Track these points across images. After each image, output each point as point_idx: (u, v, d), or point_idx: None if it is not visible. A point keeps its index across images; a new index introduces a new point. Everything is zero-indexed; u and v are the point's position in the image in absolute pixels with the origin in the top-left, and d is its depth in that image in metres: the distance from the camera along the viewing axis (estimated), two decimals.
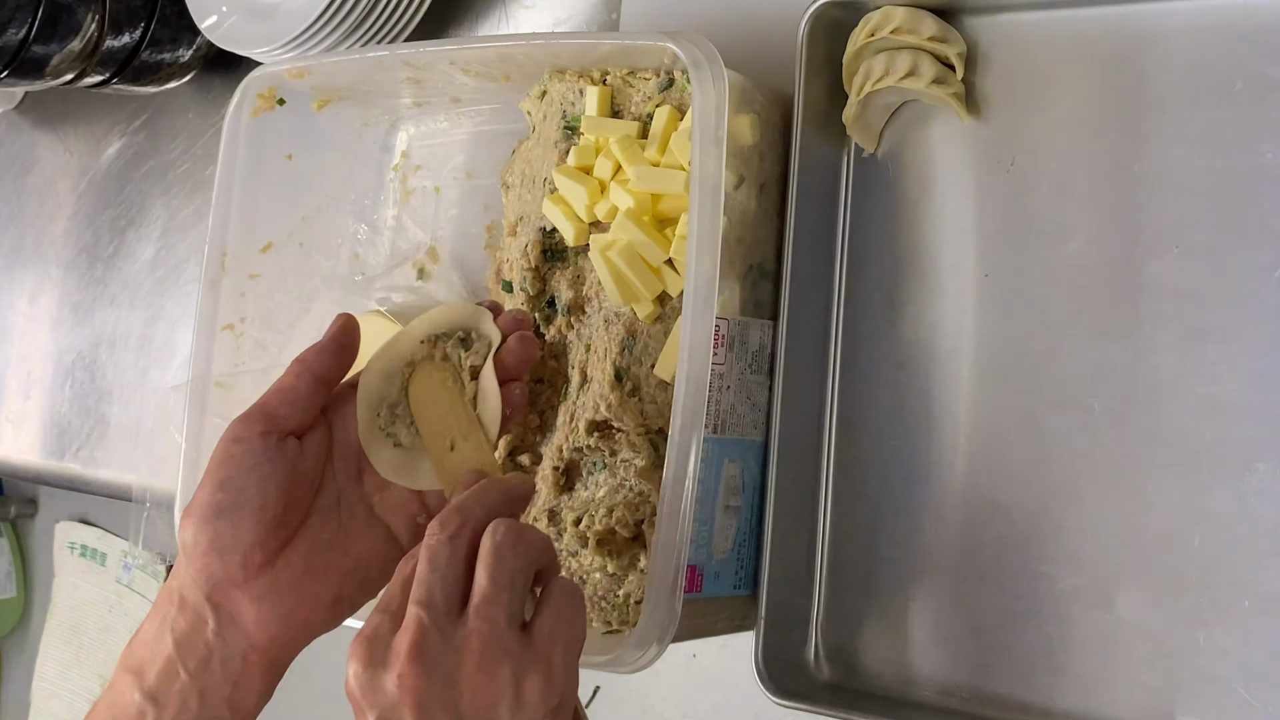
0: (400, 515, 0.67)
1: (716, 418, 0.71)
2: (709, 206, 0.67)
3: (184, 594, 0.63)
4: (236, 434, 0.64)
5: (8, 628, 2.35)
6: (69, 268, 1.24)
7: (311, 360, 0.66)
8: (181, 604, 0.63)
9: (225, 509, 0.62)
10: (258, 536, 0.63)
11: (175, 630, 0.63)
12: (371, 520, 0.67)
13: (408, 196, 0.95)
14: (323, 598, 0.65)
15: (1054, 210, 0.71)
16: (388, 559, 0.67)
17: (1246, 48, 0.67)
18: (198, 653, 0.63)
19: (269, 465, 0.63)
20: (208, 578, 0.63)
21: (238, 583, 0.63)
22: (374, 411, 0.68)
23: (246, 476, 0.63)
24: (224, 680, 0.63)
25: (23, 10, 1.01)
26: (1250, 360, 0.66)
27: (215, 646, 0.63)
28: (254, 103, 0.86)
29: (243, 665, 0.63)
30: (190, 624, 0.63)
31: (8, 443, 1.26)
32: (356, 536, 0.66)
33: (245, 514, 0.62)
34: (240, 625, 0.63)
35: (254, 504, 0.63)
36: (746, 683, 0.73)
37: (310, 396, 0.66)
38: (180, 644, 0.63)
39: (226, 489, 0.63)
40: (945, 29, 0.73)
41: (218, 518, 0.62)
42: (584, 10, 0.93)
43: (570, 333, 0.78)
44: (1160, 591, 0.67)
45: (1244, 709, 0.64)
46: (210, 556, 0.62)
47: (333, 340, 0.67)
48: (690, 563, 0.69)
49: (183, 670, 0.62)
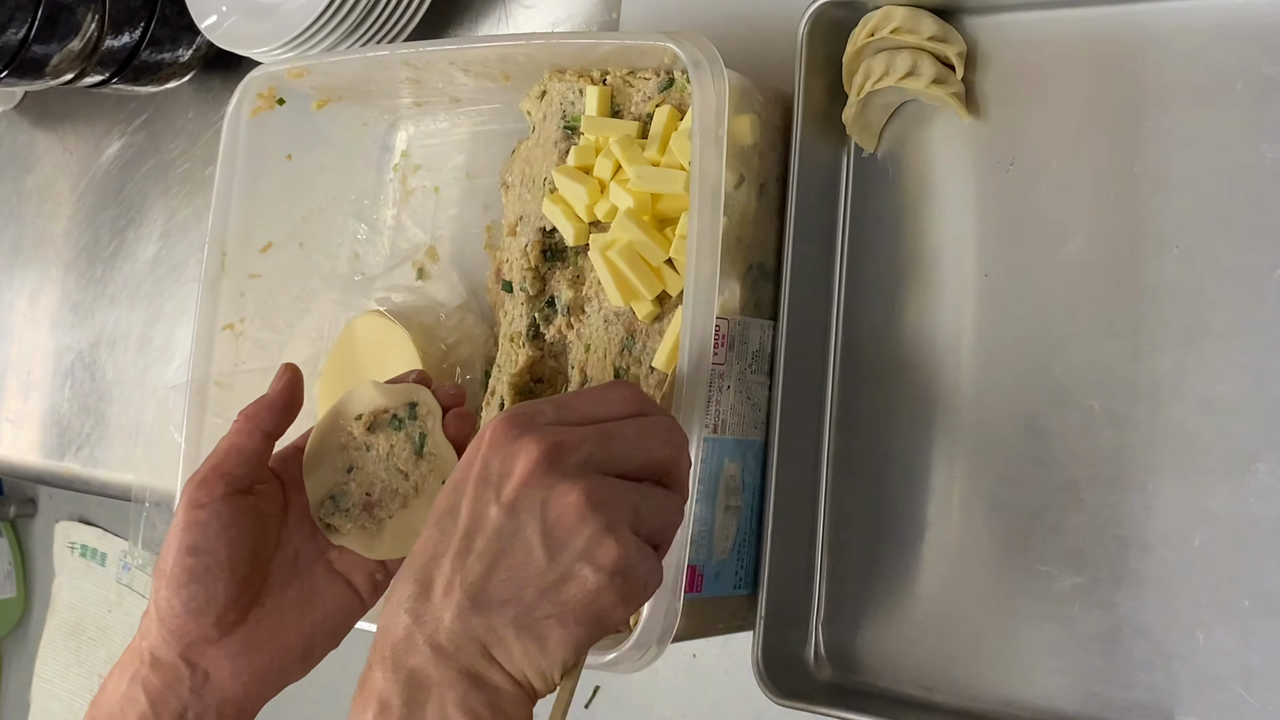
0: (359, 572, 0.69)
1: (716, 418, 0.71)
2: (709, 206, 0.67)
3: (155, 653, 0.65)
4: (198, 499, 0.65)
5: (8, 628, 2.35)
6: (69, 268, 1.24)
7: (262, 418, 0.67)
8: (154, 663, 0.65)
9: (198, 573, 0.64)
10: (231, 597, 0.64)
11: (149, 689, 0.64)
12: (332, 575, 0.69)
13: (407, 196, 0.95)
14: (295, 650, 0.67)
15: (1054, 210, 0.71)
16: (351, 611, 0.69)
17: (1246, 48, 0.67)
18: (172, 709, 0.64)
19: (236, 528, 0.65)
20: (181, 638, 0.64)
21: (213, 640, 0.65)
22: (320, 500, 0.70)
23: (216, 540, 0.64)
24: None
25: (23, 10, 1.01)
26: (1250, 360, 0.66)
27: (190, 703, 0.64)
28: (254, 102, 0.87)
29: (217, 718, 0.65)
30: (164, 682, 0.64)
31: (8, 443, 1.26)
32: (320, 591, 0.68)
33: (218, 575, 0.64)
34: (215, 681, 0.65)
35: (225, 566, 0.64)
36: (746, 683, 0.73)
37: (261, 453, 0.67)
38: (155, 702, 0.64)
39: (198, 553, 0.64)
40: (945, 29, 0.73)
41: (191, 581, 0.64)
42: (584, 10, 0.93)
43: (570, 333, 0.78)
44: (1160, 591, 0.67)
45: (1244, 709, 0.64)
46: (185, 618, 0.64)
47: (279, 396, 0.68)
48: (690, 563, 0.69)
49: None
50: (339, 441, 0.70)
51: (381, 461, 0.70)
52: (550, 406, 0.58)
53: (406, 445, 0.70)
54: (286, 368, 0.69)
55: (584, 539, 0.54)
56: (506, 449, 0.55)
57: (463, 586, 0.54)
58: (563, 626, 0.54)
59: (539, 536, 0.54)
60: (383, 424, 0.70)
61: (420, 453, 0.70)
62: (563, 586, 0.54)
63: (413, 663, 0.53)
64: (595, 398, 0.59)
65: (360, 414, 0.70)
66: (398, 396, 0.71)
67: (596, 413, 0.58)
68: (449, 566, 0.54)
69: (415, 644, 0.54)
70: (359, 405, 0.71)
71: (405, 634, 0.54)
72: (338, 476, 0.70)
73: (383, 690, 0.53)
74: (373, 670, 0.54)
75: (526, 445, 0.55)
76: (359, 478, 0.70)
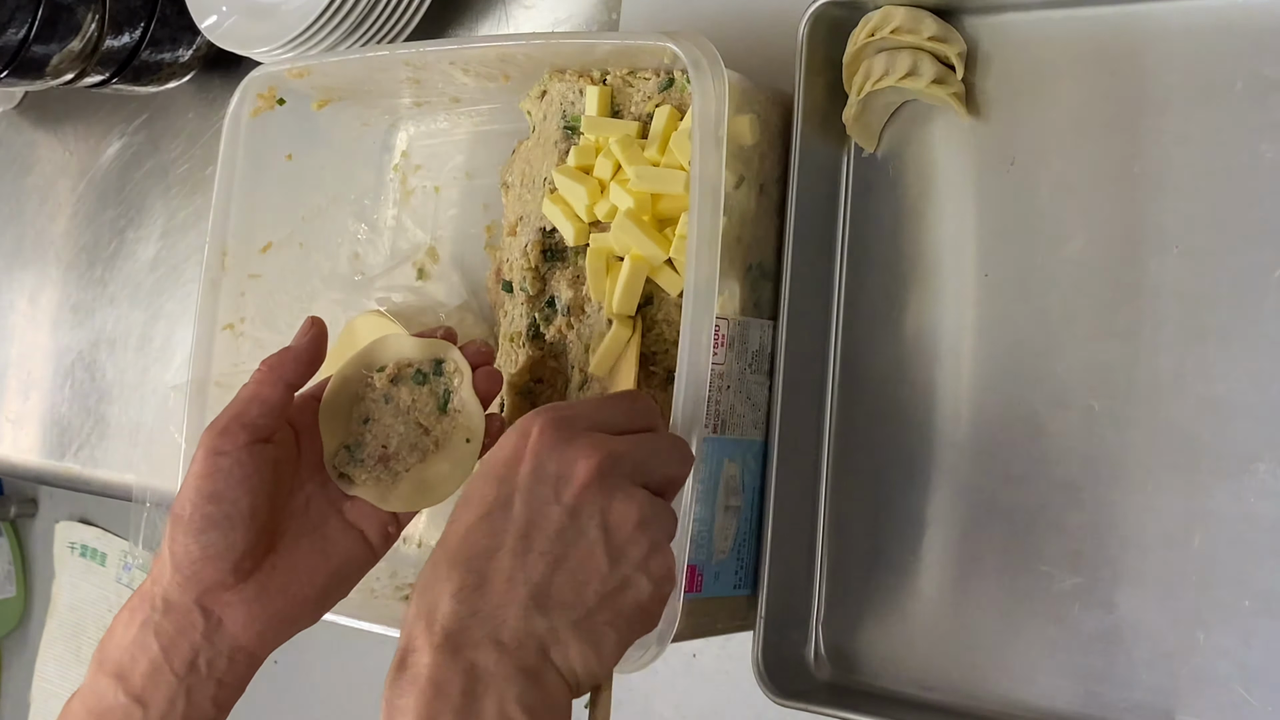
0: (372, 523, 0.69)
1: (716, 418, 0.71)
2: (709, 206, 0.67)
3: (169, 599, 0.64)
4: (219, 446, 0.64)
5: (8, 628, 2.35)
6: (69, 268, 1.24)
7: (286, 368, 0.67)
8: (167, 608, 0.64)
9: (218, 520, 0.64)
10: (249, 544, 0.64)
11: (161, 634, 0.64)
12: (345, 526, 0.69)
13: (408, 196, 0.95)
14: (309, 599, 0.67)
15: (1054, 210, 0.71)
16: (363, 561, 0.69)
17: (1246, 48, 0.67)
18: (183, 654, 0.64)
19: (257, 476, 0.64)
20: (197, 584, 0.64)
21: (229, 587, 0.65)
22: (335, 449, 0.69)
23: (237, 489, 0.64)
24: (209, 679, 0.65)
25: (23, 10, 1.01)
26: (1250, 360, 0.66)
27: (202, 648, 0.64)
28: (254, 102, 0.87)
29: (229, 664, 0.65)
30: (177, 627, 0.64)
31: (8, 443, 1.26)
32: (334, 541, 0.68)
33: (237, 523, 0.64)
34: (228, 627, 0.65)
35: (245, 514, 0.64)
36: (746, 683, 0.73)
37: (282, 404, 0.67)
38: (167, 647, 0.64)
39: (218, 501, 0.64)
40: (945, 29, 0.73)
41: (211, 528, 0.64)
42: (584, 10, 0.93)
43: (570, 333, 0.78)
44: (1160, 591, 0.67)
45: (1244, 709, 0.64)
46: (202, 564, 0.64)
47: (305, 349, 0.68)
48: (690, 563, 0.69)
49: (169, 672, 0.64)
50: (358, 392, 0.70)
51: (401, 415, 0.70)
52: (585, 407, 0.60)
53: (430, 400, 0.70)
54: (312, 320, 0.69)
55: (642, 549, 0.56)
56: (562, 451, 0.57)
57: (526, 584, 0.55)
58: (616, 631, 0.56)
59: (601, 542, 0.56)
60: (406, 377, 0.70)
61: (444, 409, 0.70)
62: (621, 594, 0.56)
63: (472, 655, 0.53)
64: (625, 409, 0.61)
65: (384, 365, 0.70)
66: (425, 350, 0.70)
67: (625, 424, 0.60)
68: (508, 562, 0.55)
69: (475, 636, 0.54)
70: (384, 356, 0.70)
71: (460, 624, 0.54)
72: (354, 427, 0.70)
73: (438, 675, 0.53)
74: (419, 653, 0.54)
75: (585, 450, 0.57)
76: (376, 429, 0.70)
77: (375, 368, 0.70)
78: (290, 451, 0.68)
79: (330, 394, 0.70)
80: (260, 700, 0.71)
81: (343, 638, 0.80)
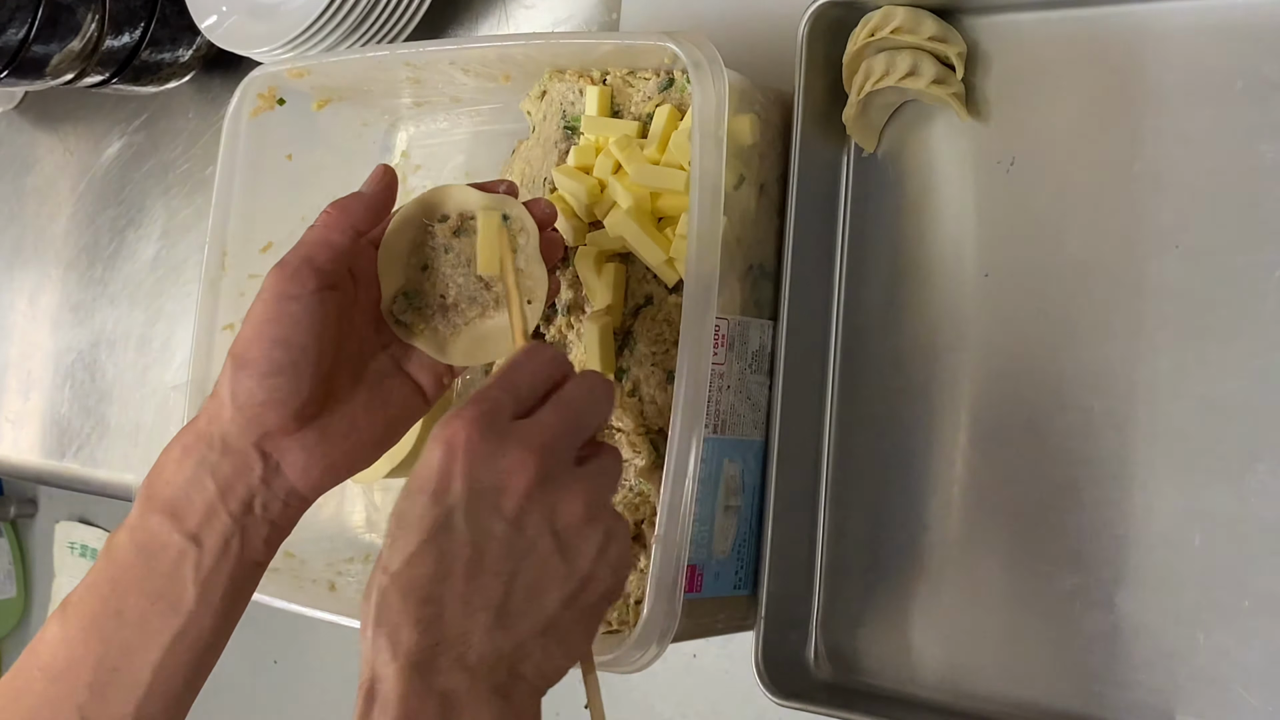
0: (427, 374, 0.69)
1: (716, 418, 0.71)
2: (709, 206, 0.67)
3: (226, 440, 0.63)
4: (287, 290, 0.63)
5: (8, 628, 2.35)
6: (69, 268, 1.24)
7: (356, 214, 0.66)
8: (225, 449, 0.63)
9: (284, 365, 0.62)
10: (313, 390, 0.63)
11: (218, 475, 0.63)
12: (400, 374, 0.68)
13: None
14: (365, 445, 0.66)
15: (1054, 210, 0.71)
16: (416, 411, 0.69)
17: (1246, 48, 0.67)
18: (240, 496, 0.63)
19: (324, 323, 0.63)
20: (259, 426, 0.63)
21: (290, 432, 0.64)
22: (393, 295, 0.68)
23: (305, 334, 0.63)
24: (263, 522, 0.64)
25: (23, 10, 1.01)
26: (1250, 360, 0.66)
27: (259, 491, 0.64)
28: (254, 103, 0.87)
29: (283, 508, 0.64)
30: (234, 469, 0.63)
31: (8, 443, 1.26)
32: (392, 389, 0.68)
33: (304, 370, 0.63)
34: (285, 472, 0.64)
35: (312, 360, 0.63)
36: (746, 683, 0.73)
37: (350, 251, 0.66)
38: (224, 489, 0.63)
39: (285, 346, 0.62)
40: (945, 29, 0.73)
41: (277, 373, 0.63)
42: (584, 10, 0.93)
43: (570, 333, 0.78)
44: (1160, 591, 0.67)
45: (1244, 709, 0.64)
46: (266, 408, 0.63)
47: (376, 195, 0.67)
48: (690, 563, 0.69)
49: (224, 512, 0.63)
50: (417, 238, 0.68)
51: (461, 266, 0.68)
52: (502, 394, 0.57)
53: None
54: (384, 168, 0.68)
55: (595, 541, 0.55)
56: (496, 461, 0.55)
57: (485, 608, 0.54)
58: (583, 626, 0.56)
59: (553, 548, 0.55)
60: (470, 229, 0.68)
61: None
62: (583, 591, 0.55)
63: (443, 682, 0.53)
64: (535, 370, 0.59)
65: (446, 214, 0.68)
66: (492, 204, 0.68)
67: (542, 386, 0.58)
68: (462, 587, 0.54)
69: (442, 664, 0.53)
70: (447, 204, 0.68)
71: (425, 654, 0.53)
72: (412, 274, 0.68)
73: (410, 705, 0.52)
74: (387, 683, 0.53)
75: (519, 456, 0.55)
76: (435, 278, 0.68)
77: (437, 216, 0.68)
78: (349, 296, 0.67)
79: (390, 237, 0.67)
80: (260, 700, 0.71)
81: (343, 638, 0.80)
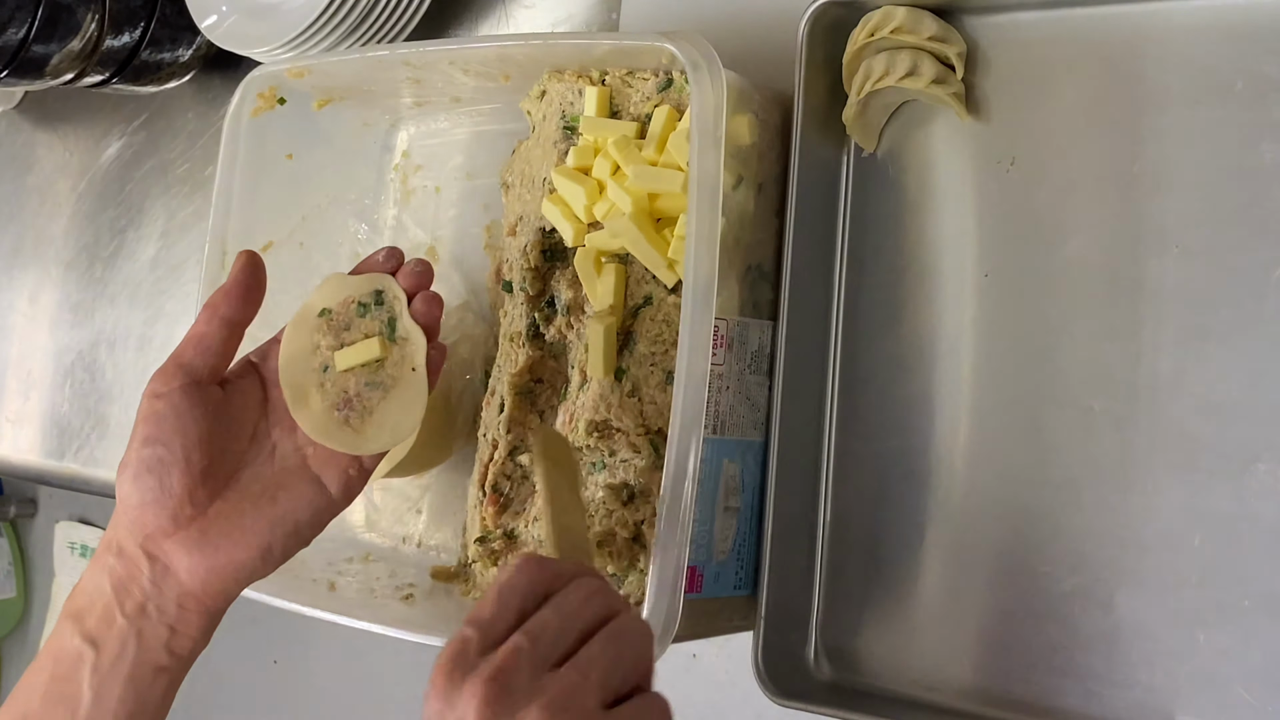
0: (333, 469, 0.68)
1: (716, 418, 0.71)
2: (707, 207, 0.67)
3: (121, 544, 0.65)
4: (155, 389, 0.65)
5: (8, 628, 2.35)
6: (69, 268, 1.24)
7: (220, 304, 0.67)
8: (119, 552, 0.65)
9: (153, 464, 0.64)
10: (186, 489, 0.64)
11: (113, 577, 0.65)
12: (302, 471, 0.68)
13: (408, 196, 0.95)
14: (252, 547, 0.66)
15: (1054, 210, 0.71)
16: (317, 509, 0.68)
17: (1246, 48, 0.67)
18: (134, 598, 0.64)
19: (190, 419, 0.64)
20: (140, 528, 0.64)
21: (169, 533, 0.65)
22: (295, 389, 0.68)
23: (171, 431, 0.64)
24: (160, 624, 0.65)
25: (23, 10, 1.01)
26: (1250, 360, 0.66)
27: (150, 593, 0.65)
28: (254, 102, 0.87)
29: (178, 611, 0.65)
30: (127, 571, 0.65)
31: (8, 443, 1.26)
32: (285, 487, 0.67)
33: (172, 467, 0.64)
34: (173, 573, 0.65)
35: (179, 457, 0.64)
36: (746, 683, 0.73)
37: (224, 341, 0.67)
38: (117, 590, 0.64)
39: (152, 444, 0.64)
40: (945, 29, 0.73)
41: (148, 472, 0.64)
42: (584, 10, 0.93)
43: (570, 333, 0.78)
44: (1160, 591, 0.67)
45: (1244, 709, 0.64)
46: (143, 509, 0.64)
47: (237, 283, 0.68)
48: (690, 563, 0.69)
49: (120, 614, 0.64)
50: (312, 341, 0.70)
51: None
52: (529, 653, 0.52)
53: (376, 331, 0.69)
54: (243, 253, 0.68)
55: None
56: (451, 700, 0.52)
57: None
58: None
59: None
60: (352, 314, 0.70)
61: (392, 338, 0.69)
62: None
63: None
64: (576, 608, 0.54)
65: (328, 308, 0.70)
66: (364, 284, 0.70)
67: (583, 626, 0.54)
68: None
69: None
70: (328, 299, 0.70)
71: None
72: (315, 376, 0.69)
73: None
74: None
75: (468, 690, 0.51)
76: (335, 376, 0.69)
77: (316, 313, 0.70)
78: (251, 397, 0.68)
79: (286, 345, 0.69)
80: (260, 700, 0.71)
81: (343, 638, 0.80)
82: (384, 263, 0.72)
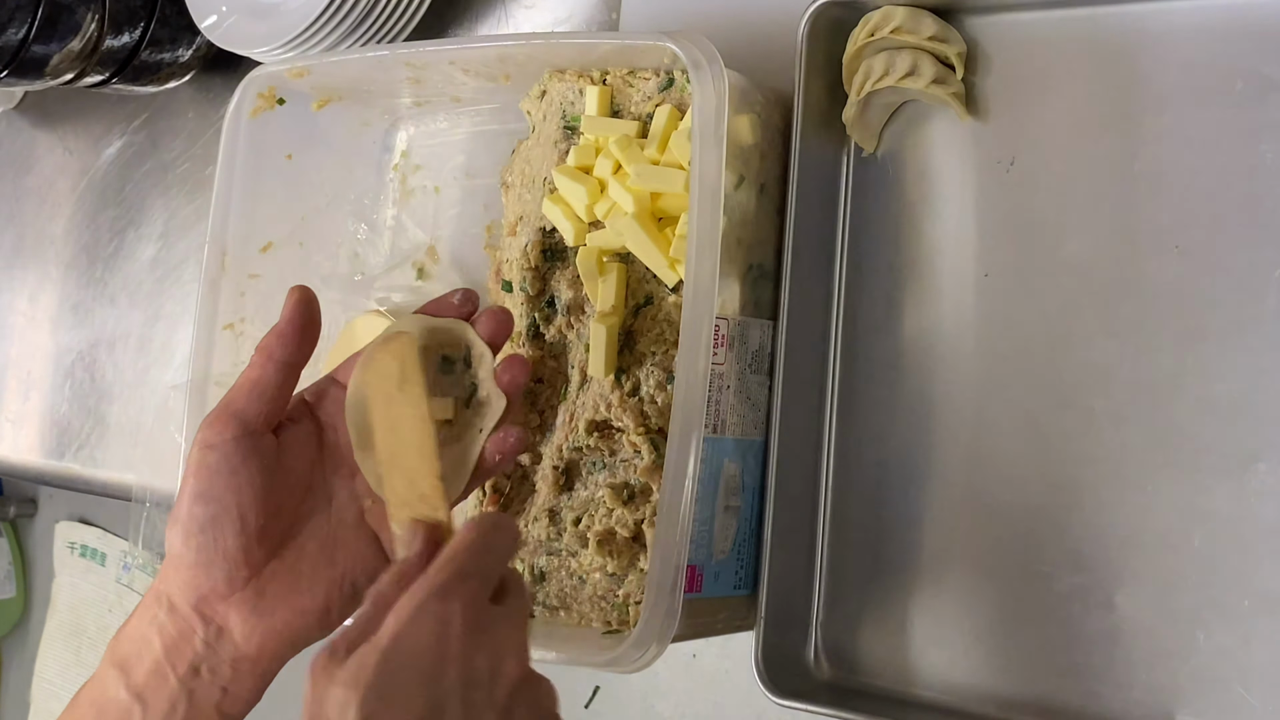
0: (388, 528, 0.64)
1: (716, 418, 0.71)
2: (709, 206, 0.67)
3: (173, 600, 0.62)
4: (208, 440, 0.61)
5: (8, 628, 2.35)
6: (69, 268, 1.24)
7: (273, 347, 0.63)
8: (171, 609, 0.62)
9: (206, 522, 0.60)
10: (241, 550, 0.61)
11: (164, 635, 0.61)
12: (361, 529, 0.64)
13: (407, 196, 0.95)
14: (311, 610, 0.63)
15: (1054, 210, 0.71)
16: (375, 571, 0.63)
17: (1246, 48, 0.67)
18: (186, 659, 0.61)
19: (245, 474, 0.61)
20: (194, 589, 0.61)
21: (224, 596, 0.61)
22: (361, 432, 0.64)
23: (224, 486, 0.60)
24: (212, 686, 0.62)
25: (23, 10, 1.01)
26: (1250, 360, 0.66)
27: (204, 655, 0.61)
28: (254, 102, 0.86)
29: (232, 673, 0.62)
30: (179, 631, 0.61)
31: (8, 443, 1.26)
32: (344, 545, 0.64)
33: (226, 526, 0.60)
34: (228, 636, 0.61)
35: (233, 515, 0.60)
36: (746, 683, 0.73)
37: (279, 386, 0.63)
38: (169, 649, 0.61)
39: (205, 500, 0.60)
40: (945, 29, 0.73)
41: (200, 531, 0.60)
42: (584, 10, 0.93)
43: (570, 333, 0.78)
44: (1160, 591, 0.67)
45: (1244, 709, 0.64)
46: (196, 570, 0.61)
47: (290, 322, 0.64)
48: (690, 563, 0.69)
49: (171, 674, 0.61)
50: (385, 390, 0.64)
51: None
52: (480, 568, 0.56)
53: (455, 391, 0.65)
54: (296, 289, 0.64)
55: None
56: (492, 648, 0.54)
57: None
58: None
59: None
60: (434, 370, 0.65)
61: (468, 404, 0.65)
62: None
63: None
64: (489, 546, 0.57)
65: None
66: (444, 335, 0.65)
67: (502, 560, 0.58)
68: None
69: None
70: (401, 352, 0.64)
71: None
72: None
73: None
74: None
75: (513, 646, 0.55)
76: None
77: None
78: (308, 444, 0.64)
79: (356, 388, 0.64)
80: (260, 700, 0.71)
81: None
82: (460, 306, 0.68)
